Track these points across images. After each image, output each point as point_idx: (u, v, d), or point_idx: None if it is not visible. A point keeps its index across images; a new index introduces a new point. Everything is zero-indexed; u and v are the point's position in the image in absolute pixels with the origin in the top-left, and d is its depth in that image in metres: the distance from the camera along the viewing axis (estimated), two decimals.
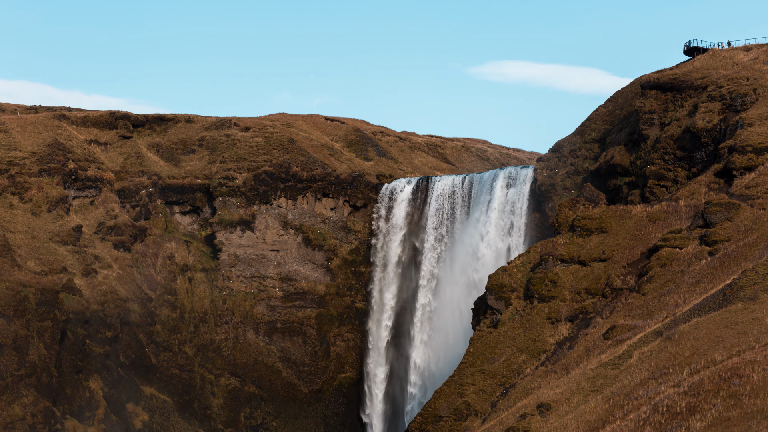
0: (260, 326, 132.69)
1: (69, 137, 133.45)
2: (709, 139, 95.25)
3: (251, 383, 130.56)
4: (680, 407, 41.31)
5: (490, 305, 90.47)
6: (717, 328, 54.37)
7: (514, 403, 67.92)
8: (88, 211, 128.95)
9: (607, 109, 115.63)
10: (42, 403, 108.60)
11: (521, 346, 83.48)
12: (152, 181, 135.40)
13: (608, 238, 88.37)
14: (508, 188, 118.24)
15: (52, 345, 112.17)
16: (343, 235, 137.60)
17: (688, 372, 47.78)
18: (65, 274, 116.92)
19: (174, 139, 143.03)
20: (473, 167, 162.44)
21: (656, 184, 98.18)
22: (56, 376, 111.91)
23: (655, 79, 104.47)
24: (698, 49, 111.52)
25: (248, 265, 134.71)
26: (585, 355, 68.21)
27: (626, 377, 54.00)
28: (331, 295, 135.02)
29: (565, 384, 60.63)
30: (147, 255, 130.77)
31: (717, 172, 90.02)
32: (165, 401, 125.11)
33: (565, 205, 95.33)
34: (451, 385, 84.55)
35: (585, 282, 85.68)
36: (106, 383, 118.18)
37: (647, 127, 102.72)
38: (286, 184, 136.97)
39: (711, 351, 50.23)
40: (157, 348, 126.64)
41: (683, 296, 70.22)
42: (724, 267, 71.45)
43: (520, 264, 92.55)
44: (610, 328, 70.86)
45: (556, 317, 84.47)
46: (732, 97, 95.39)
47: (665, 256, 79.52)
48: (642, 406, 45.04)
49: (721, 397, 40.47)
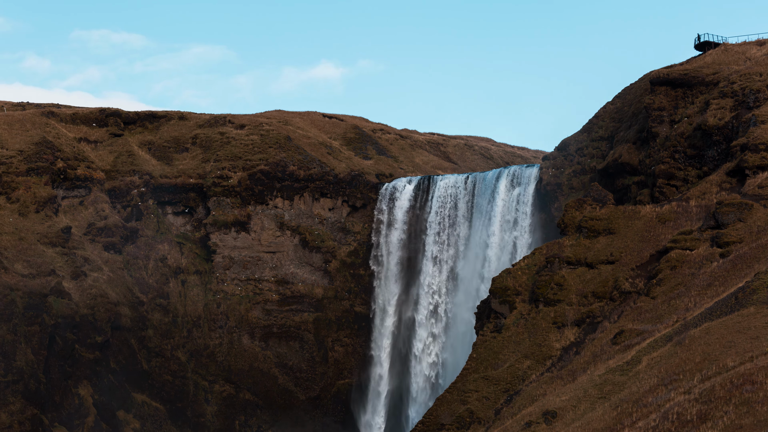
0: (256, 331, 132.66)
1: (58, 135, 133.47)
2: (720, 136, 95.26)
3: (246, 390, 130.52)
4: (691, 415, 41.31)
5: (493, 309, 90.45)
6: (729, 332, 54.36)
7: (518, 410, 67.86)
8: (77, 211, 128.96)
9: (615, 106, 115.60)
10: (29, 411, 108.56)
11: (526, 352, 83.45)
12: (144, 180, 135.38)
13: (616, 240, 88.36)
14: (512, 188, 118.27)
15: (40, 350, 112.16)
16: (341, 236, 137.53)
17: (699, 378, 47.78)
18: (54, 277, 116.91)
19: (166, 137, 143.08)
20: (476, 166, 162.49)
21: (666, 183, 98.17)
22: (44, 383, 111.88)
23: (665, 75, 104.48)
24: (709, 43, 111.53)
25: (243, 267, 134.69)
26: (592, 361, 68.20)
27: (635, 384, 53.99)
28: (329, 299, 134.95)
29: (571, 391, 60.62)
30: (138, 257, 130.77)
31: (729, 171, 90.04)
32: (157, 408, 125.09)
33: (572, 205, 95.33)
34: (453, 392, 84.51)
35: (592, 285, 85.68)
36: (96, 390, 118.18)
37: (657, 125, 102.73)
38: (283, 184, 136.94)
39: (723, 356, 50.22)
40: (148, 353, 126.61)
41: (694, 300, 70.22)
42: (736, 269, 71.45)
43: (525, 266, 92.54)
44: (618, 332, 70.85)
45: (562, 321, 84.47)
46: (744, 93, 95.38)
47: (675, 258, 79.53)
48: (651, 413, 45.04)
49: (734, 404, 40.46)
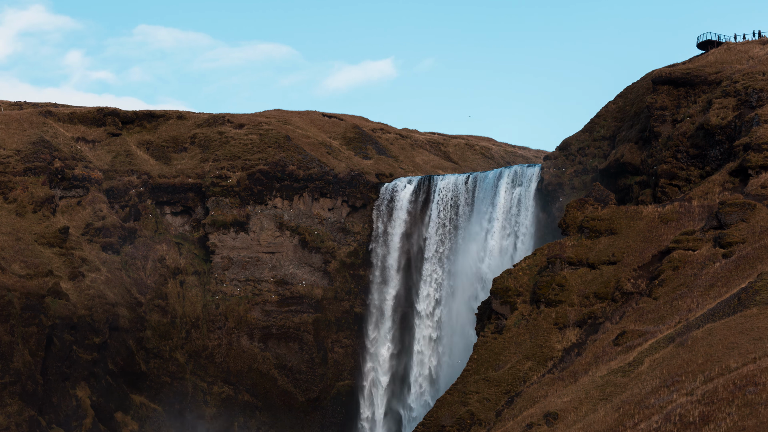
0: (255, 332, 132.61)
1: (55, 135, 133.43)
2: (723, 136, 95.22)
3: (245, 391, 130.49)
4: (693, 416, 41.29)
5: (494, 310, 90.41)
6: (732, 333, 54.33)
7: (519, 412, 67.81)
8: (75, 211, 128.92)
9: (617, 105, 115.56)
10: (27, 412, 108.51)
11: (527, 353, 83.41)
12: (142, 180, 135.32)
13: (618, 240, 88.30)
14: (513, 188, 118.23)
15: (38, 351, 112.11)
16: (341, 236, 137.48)
17: (701, 380, 47.75)
18: (51, 278, 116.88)
19: (165, 137, 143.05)
20: (477, 166, 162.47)
21: (668, 183, 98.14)
22: (42, 384, 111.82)
23: (667, 74, 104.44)
24: (712, 42, 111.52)
25: (242, 268, 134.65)
26: (594, 362, 68.16)
27: (637, 385, 53.96)
28: (328, 300, 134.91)
29: (573, 392, 60.59)
30: (136, 257, 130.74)
31: (732, 171, 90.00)
32: (155, 410, 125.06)
33: (573, 205, 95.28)
34: (454, 394, 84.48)
35: (594, 286, 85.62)
36: (93, 391, 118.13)
37: (659, 124, 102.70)
38: (282, 184, 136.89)
39: (725, 358, 50.19)
40: (147, 355, 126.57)
41: (696, 300, 70.16)
42: (739, 270, 71.40)
43: (526, 267, 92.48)
44: (620, 333, 70.79)
45: (563, 322, 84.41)
46: (747, 92, 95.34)
47: (678, 259, 79.49)
48: (653, 415, 45.01)
49: (736, 405, 40.44)
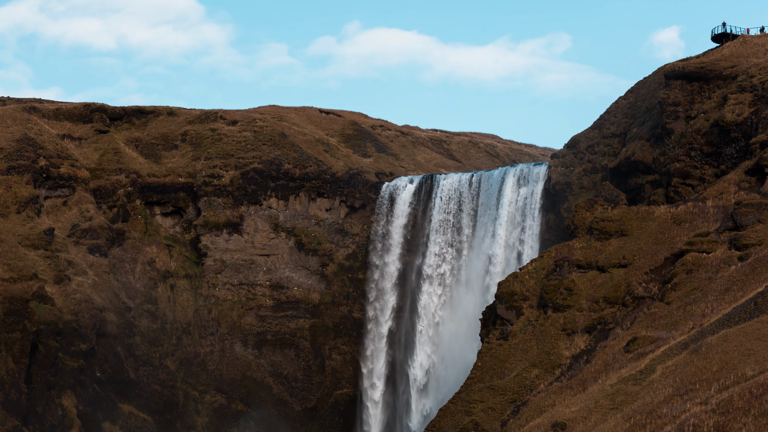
0: (249, 338, 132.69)
1: (40, 132, 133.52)
2: (739, 133, 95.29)
3: (239, 400, 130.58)
4: (708, 427, 41.31)
5: (500, 315, 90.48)
6: (748, 340, 54.36)
7: (526, 422, 67.89)
8: (60, 212, 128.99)
9: (628, 101, 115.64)
10: (10, 422, 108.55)
11: (534, 360, 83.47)
12: (131, 179, 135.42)
13: (629, 242, 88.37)
14: (519, 187, 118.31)
15: (22, 358, 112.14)
16: (339, 238, 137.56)
17: (716, 388, 47.78)
18: (36, 281, 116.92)
19: (154, 134, 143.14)
20: (481, 164, 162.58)
21: (681, 182, 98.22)
22: (26, 393, 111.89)
23: (680, 68, 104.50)
24: (727, 35, 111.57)
25: (236, 271, 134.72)
26: (603, 370, 68.22)
27: (649, 394, 54.01)
28: (326, 304, 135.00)
29: (582, 401, 60.66)
30: (125, 260, 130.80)
31: (748, 170, 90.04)
32: (145, 420, 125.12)
33: (582, 205, 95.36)
34: (457, 403, 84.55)
35: (604, 290, 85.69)
36: (80, 400, 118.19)
37: (672, 121, 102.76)
38: (277, 183, 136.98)
39: (741, 365, 50.22)
40: (136, 362, 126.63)
41: (711, 305, 70.20)
42: (755, 273, 71.42)
43: (533, 270, 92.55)
44: (631, 340, 70.86)
45: (572, 328, 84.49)
46: (764, 87, 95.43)
47: (691, 262, 79.53)
48: (666, 425, 45.05)
49: (753, 415, 40.44)
